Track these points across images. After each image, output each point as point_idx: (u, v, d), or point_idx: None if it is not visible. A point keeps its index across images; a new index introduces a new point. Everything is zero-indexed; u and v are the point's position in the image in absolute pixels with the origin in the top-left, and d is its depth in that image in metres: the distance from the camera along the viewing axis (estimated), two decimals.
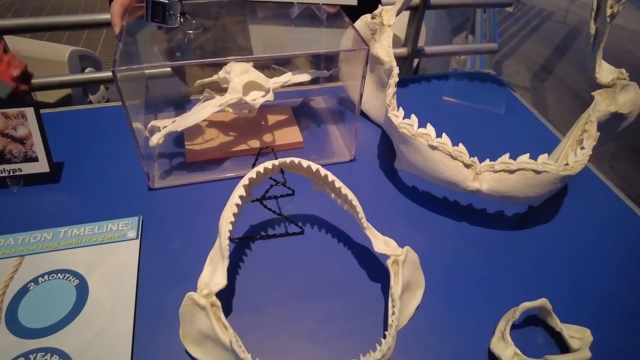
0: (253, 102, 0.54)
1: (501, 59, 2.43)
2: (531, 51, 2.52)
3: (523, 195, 0.49)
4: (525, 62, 2.43)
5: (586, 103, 2.24)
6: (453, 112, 0.72)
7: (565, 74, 2.33)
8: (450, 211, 0.54)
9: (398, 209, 0.55)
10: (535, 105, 2.11)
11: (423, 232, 0.52)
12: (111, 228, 0.50)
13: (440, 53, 1.16)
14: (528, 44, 2.59)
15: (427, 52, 1.08)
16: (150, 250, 0.48)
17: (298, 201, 0.53)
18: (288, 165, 0.45)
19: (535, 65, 2.41)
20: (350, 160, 0.61)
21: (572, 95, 2.19)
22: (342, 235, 0.50)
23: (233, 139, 0.61)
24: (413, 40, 1.00)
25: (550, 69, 2.37)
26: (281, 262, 0.47)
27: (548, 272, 0.48)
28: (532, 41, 2.62)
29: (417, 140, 0.49)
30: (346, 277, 0.46)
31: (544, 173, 0.47)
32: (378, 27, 0.62)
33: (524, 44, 2.58)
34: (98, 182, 0.56)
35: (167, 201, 0.54)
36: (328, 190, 0.46)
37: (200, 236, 0.49)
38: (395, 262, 0.41)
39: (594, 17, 0.58)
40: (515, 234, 0.52)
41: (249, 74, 0.55)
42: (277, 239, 0.50)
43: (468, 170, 0.49)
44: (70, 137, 0.62)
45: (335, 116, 0.68)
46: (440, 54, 1.17)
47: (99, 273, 0.45)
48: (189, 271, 0.45)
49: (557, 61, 2.44)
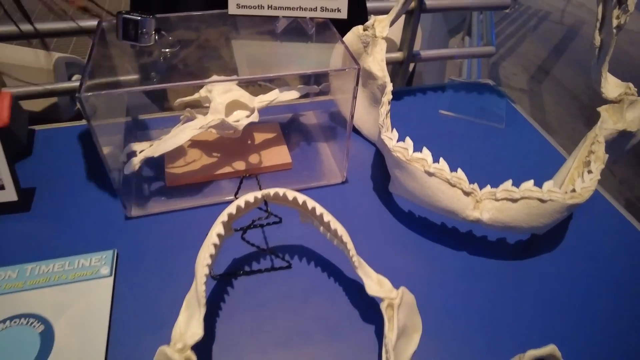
0: (236, 124, 0.50)
1: (498, 60, 2.40)
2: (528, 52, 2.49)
3: (527, 226, 0.45)
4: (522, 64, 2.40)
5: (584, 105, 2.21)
6: (450, 126, 0.68)
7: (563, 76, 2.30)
8: (448, 239, 0.51)
9: (392, 236, 0.51)
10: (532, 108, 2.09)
11: (419, 263, 0.48)
12: (83, 264, 0.46)
13: (436, 57, 1.13)
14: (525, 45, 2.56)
15: (424, 57, 1.04)
16: (125, 289, 0.44)
17: (285, 229, 0.49)
18: (272, 197, 0.41)
19: (532, 66, 2.38)
20: (342, 182, 0.57)
21: (570, 98, 2.16)
22: (332, 269, 0.47)
23: (217, 161, 0.57)
24: (409, 44, 0.96)
25: (547, 70, 2.34)
26: (266, 301, 0.44)
27: (555, 307, 0.45)
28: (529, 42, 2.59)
29: (413, 166, 0.46)
30: (337, 318, 0.43)
31: (550, 202, 0.44)
32: (371, 40, 0.59)
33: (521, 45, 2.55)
34: (71, 210, 0.52)
35: (144, 232, 0.50)
36: (316, 223, 0.43)
37: (181, 271, 0.46)
38: (389, 306, 0.38)
39: (598, 28, 0.55)
40: (518, 265, 0.49)
41: (232, 92, 0.51)
42: (262, 274, 0.46)
43: (468, 199, 0.45)
44: (43, 158, 0.58)
45: (327, 133, 0.64)
46: (437, 58, 1.14)
47: (67, 317, 0.41)
48: (166, 314, 0.42)
49: (554, 62, 2.41)
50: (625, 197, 1.67)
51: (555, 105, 2.11)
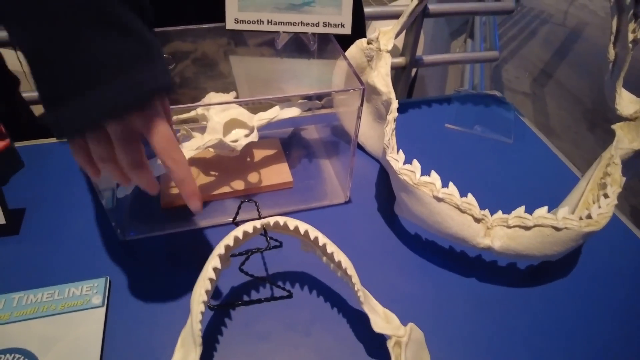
0: (234, 144, 0.48)
1: (500, 63, 2.38)
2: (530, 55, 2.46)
3: (540, 254, 0.43)
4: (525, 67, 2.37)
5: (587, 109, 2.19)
6: (457, 140, 0.66)
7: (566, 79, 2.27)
8: (457, 264, 0.48)
9: (398, 260, 0.49)
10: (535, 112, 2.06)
11: (426, 290, 0.46)
12: (74, 293, 0.44)
13: (439, 62, 1.11)
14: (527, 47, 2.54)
15: (426, 62, 1.02)
16: (118, 321, 0.42)
17: (286, 254, 0.47)
18: (272, 227, 0.39)
19: (535, 69, 2.35)
20: (345, 202, 0.55)
21: (574, 101, 2.13)
22: (335, 298, 0.45)
23: (215, 180, 0.54)
24: (411, 49, 0.94)
25: (550, 74, 2.32)
26: (266, 334, 0.41)
27: (570, 336, 0.43)
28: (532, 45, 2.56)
29: (420, 190, 0.44)
30: (340, 353, 0.40)
31: (565, 230, 0.41)
32: (375, 53, 0.56)
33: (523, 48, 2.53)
34: (62, 232, 0.49)
35: (139, 256, 0.47)
36: (319, 252, 0.41)
37: (178, 299, 0.43)
38: (397, 344, 0.36)
39: (613, 42, 0.52)
40: (530, 292, 0.47)
41: (231, 110, 0.49)
42: (262, 304, 0.44)
43: (478, 225, 0.43)
44: (33, 176, 0.56)
45: (329, 149, 0.62)
46: (440, 63, 1.12)
47: (55, 352, 0.39)
48: (161, 348, 0.39)
49: (557, 65, 2.38)
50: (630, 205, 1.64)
51: (558, 109, 2.09)
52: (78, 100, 0.30)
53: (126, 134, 0.32)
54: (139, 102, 0.31)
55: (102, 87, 0.30)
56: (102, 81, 0.30)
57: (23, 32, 0.29)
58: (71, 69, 0.29)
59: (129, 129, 0.32)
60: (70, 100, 0.30)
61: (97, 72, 0.30)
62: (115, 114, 0.31)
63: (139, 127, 0.32)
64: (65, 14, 0.29)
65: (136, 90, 0.30)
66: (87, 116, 0.30)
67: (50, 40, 0.29)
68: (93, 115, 0.30)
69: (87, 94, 0.30)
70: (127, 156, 0.33)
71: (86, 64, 0.29)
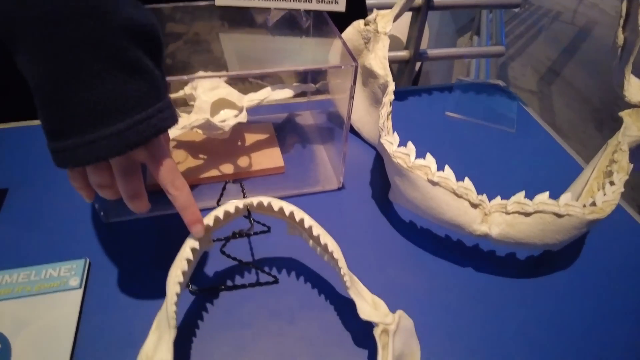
0: (222, 124, 0.46)
1: (506, 61, 2.34)
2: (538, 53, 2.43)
3: (541, 242, 0.41)
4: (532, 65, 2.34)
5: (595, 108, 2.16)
6: (457, 129, 0.64)
7: (574, 78, 2.24)
8: (453, 253, 0.46)
9: (391, 249, 0.47)
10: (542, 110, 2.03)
11: (420, 279, 0.44)
12: (51, 274, 0.42)
13: (444, 56, 1.08)
14: (534, 45, 2.50)
15: (430, 56, 1.00)
16: (95, 303, 0.40)
17: (273, 239, 0.45)
18: (256, 207, 0.37)
19: (542, 68, 2.32)
20: (338, 188, 0.53)
21: (581, 100, 2.10)
22: (323, 284, 0.43)
23: (203, 163, 0.53)
24: (415, 43, 0.92)
25: (557, 72, 2.28)
26: (249, 321, 0.39)
27: (570, 329, 0.40)
28: (539, 43, 2.52)
29: (415, 174, 0.41)
30: (326, 342, 0.38)
31: (567, 217, 0.39)
32: (372, 35, 0.54)
33: (531, 46, 2.49)
34: (44, 214, 0.48)
35: (121, 239, 0.46)
36: (305, 235, 0.39)
37: (157, 283, 0.41)
38: (384, 332, 0.33)
39: (622, 25, 0.50)
40: (530, 283, 0.44)
41: (219, 90, 0.47)
42: (246, 289, 0.42)
43: (475, 211, 0.41)
44: (17, 158, 0.54)
45: (324, 134, 0.60)
46: (445, 57, 1.09)
47: (28, 333, 0.37)
48: (137, 332, 0.37)
49: (564, 64, 2.35)
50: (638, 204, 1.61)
51: (566, 108, 2.06)
52: (86, 136, 0.29)
53: (129, 166, 0.32)
54: (147, 140, 0.31)
55: (112, 124, 0.29)
56: (112, 119, 0.29)
57: (33, 58, 0.28)
58: (80, 105, 0.29)
59: (132, 161, 0.32)
60: (77, 136, 0.29)
61: (108, 110, 0.29)
62: (123, 151, 0.30)
63: (143, 159, 0.33)
64: (81, 49, 0.28)
65: (145, 129, 0.30)
66: (92, 152, 0.29)
67: (62, 74, 0.28)
68: (100, 152, 0.29)
69: (96, 130, 0.29)
70: (128, 186, 0.33)
71: (97, 101, 0.29)
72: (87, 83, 0.28)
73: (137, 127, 0.30)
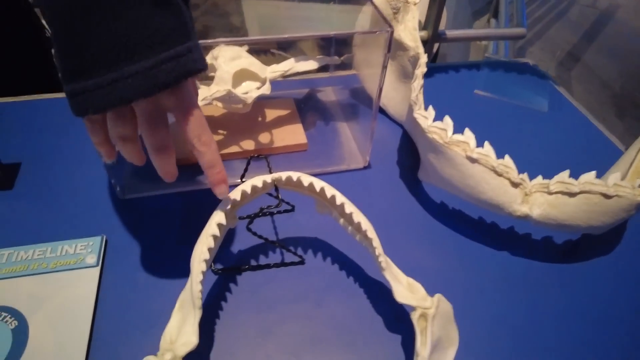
0: (245, 96, 0.43)
1: (524, 45, 2.28)
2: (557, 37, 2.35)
3: (585, 225, 0.38)
4: (551, 49, 2.27)
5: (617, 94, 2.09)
6: (486, 108, 0.61)
7: (594, 63, 2.17)
8: (486, 236, 0.44)
9: (421, 231, 0.44)
10: None
11: (452, 264, 0.42)
12: (67, 251, 0.40)
13: (463, 38, 1.03)
14: (553, 29, 2.43)
15: (449, 37, 0.95)
16: (113, 282, 0.38)
17: (298, 219, 0.43)
18: (284, 183, 0.35)
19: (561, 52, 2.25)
20: (364, 167, 0.50)
21: (601, 86, 2.04)
22: (352, 266, 0.40)
23: (223, 139, 0.50)
24: (434, 23, 0.88)
25: (577, 57, 2.21)
26: (274, 303, 0.38)
27: (611, 318, 0.38)
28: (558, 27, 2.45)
29: (452, 150, 0.39)
30: (356, 326, 0.36)
31: (616, 198, 0.36)
32: (402, 5, 0.51)
33: (550, 30, 2.42)
34: (58, 189, 0.46)
35: (138, 215, 0.44)
36: (335, 214, 0.36)
37: (178, 262, 0.40)
38: (422, 317, 0.31)
39: None
40: (568, 268, 0.42)
41: (241, 60, 0.44)
42: (271, 269, 0.40)
43: (516, 191, 0.38)
44: (31, 131, 0.52)
45: (347, 112, 0.57)
46: (463, 38, 1.04)
47: (45, 311, 0.36)
48: (158, 312, 0.36)
49: (584, 48, 2.27)
50: None
51: (585, 94, 2.00)
52: (109, 74, 0.26)
53: (156, 114, 0.29)
54: (176, 81, 0.27)
55: (137, 61, 0.26)
56: (138, 55, 0.26)
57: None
58: (103, 40, 0.25)
59: (159, 108, 0.29)
60: (99, 74, 0.26)
61: (133, 45, 0.26)
62: (150, 92, 0.27)
63: (170, 107, 0.29)
64: None
65: (174, 68, 0.27)
66: (116, 92, 0.26)
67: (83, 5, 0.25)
68: (124, 92, 0.26)
69: (120, 68, 0.26)
70: (154, 137, 0.29)
71: (121, 34, 0.25)
72: (109, 11, 0.25)
73: (166, 65, 0.26)
